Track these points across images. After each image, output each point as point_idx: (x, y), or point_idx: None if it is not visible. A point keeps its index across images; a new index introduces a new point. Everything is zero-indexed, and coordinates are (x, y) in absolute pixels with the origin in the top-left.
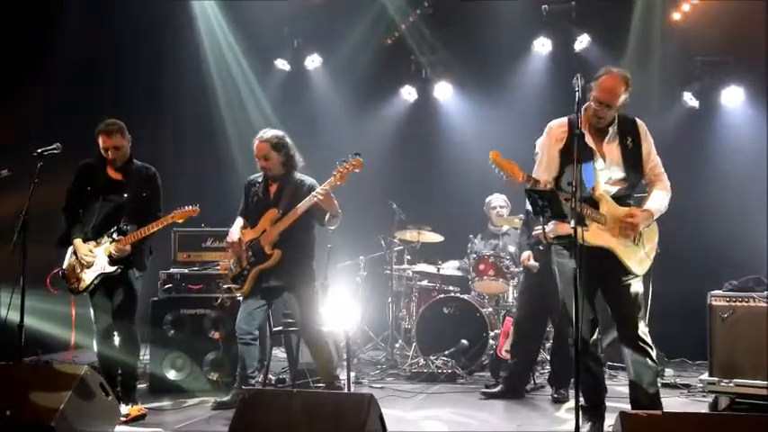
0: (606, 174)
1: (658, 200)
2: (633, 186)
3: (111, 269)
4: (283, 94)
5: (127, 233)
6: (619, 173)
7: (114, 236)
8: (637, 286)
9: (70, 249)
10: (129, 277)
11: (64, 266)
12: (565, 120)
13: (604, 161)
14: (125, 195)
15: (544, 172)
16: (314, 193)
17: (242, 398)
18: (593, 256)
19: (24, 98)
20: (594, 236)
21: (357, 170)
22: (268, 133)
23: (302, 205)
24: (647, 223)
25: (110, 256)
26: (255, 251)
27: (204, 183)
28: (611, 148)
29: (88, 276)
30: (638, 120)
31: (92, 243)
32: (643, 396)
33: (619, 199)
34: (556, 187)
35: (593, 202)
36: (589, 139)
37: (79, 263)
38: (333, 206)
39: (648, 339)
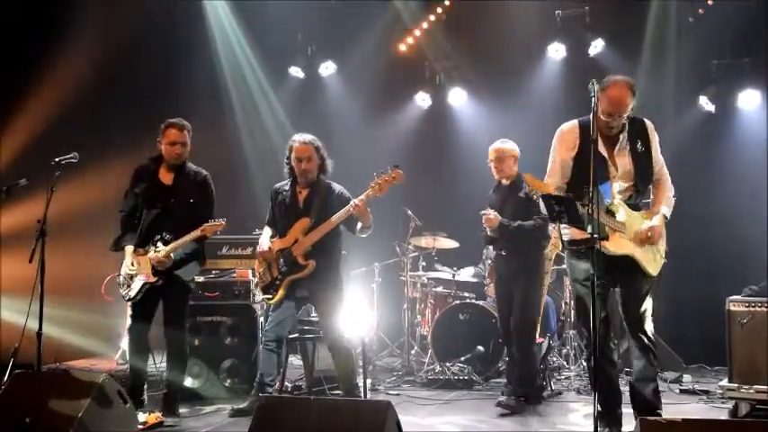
0: (618, 183)
1: (666, 201)
2: (642, 193)
3: (153, 279)
4: (297, 102)
5: (169, 243)
6: (629, 181)
7: (159, 245)
8: (647, 286)
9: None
10: (177, 285)
11: (120, 272)
12: (575, 124)
13: (616, 170)
14: (172, 201)
15: (558, 177)
16: (351, 204)
17: (259, 405)
18: (610, 258)
19: (36, 102)
20: (616, 245)
21: (396, 182)
22: (307, 136)
23: (337, 217)
24: (663, 225)
25: (153, 266)
26: (288, 261)
27: (218, 189)
28: (623, 156)
29: (136, 285)
30: (646, 120)
31: (141, 249)
32: (640, 394)
33: (628, 204)
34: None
35: (610, 212)
36: (601, 147)
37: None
38: (367, 218)
39: (652, 339)
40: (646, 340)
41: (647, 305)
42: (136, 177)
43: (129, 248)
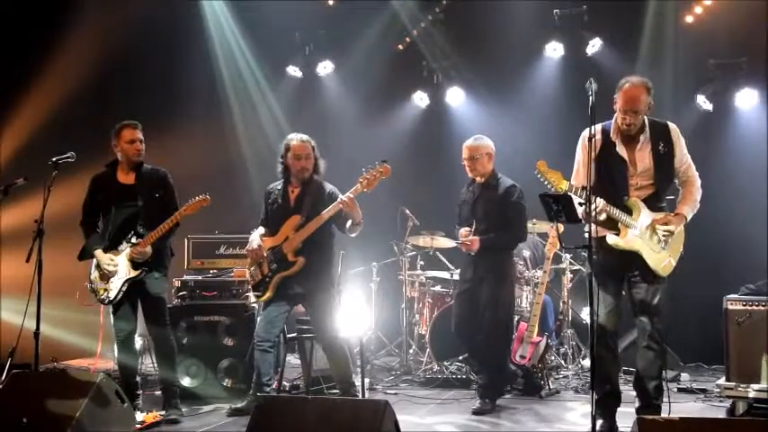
0: (635, 180)
1: (691, 203)
2: (662, 191)
3: (136, 273)
4: (295, 101)
5: (144, 236)
6: (648, 179)
7: (133, 240)
8: (657, 286)
9: (93, 262)
10: (151, 280)
11: (90, 279)
12: (598, 128)
13: (635, 169)
14: (138, 199)
15: (582, 179)
16: (340, 199)
17: (257, 404)
18: (624, 254)
19: (35, 101)
20: (627, 241)
21: (384, 177)
22: (304, 135)
23: (327, 212)
24: (680, 225)
25: (132, 261)
26: (278, 258)
27: (216, 189)
28: (643, 156)
29: (115, 285)
30: (670, 123)
31: (112, 252)
32: (645, 388)
33: (649, 203)
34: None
35: (627, 209)
36: (621, 148)
37: (103, 274)
38: (356, 214)
39: (660, 336)
40: (656, 335)
41: (658, 304)
42: (95, 185)
43: (99, 252)
